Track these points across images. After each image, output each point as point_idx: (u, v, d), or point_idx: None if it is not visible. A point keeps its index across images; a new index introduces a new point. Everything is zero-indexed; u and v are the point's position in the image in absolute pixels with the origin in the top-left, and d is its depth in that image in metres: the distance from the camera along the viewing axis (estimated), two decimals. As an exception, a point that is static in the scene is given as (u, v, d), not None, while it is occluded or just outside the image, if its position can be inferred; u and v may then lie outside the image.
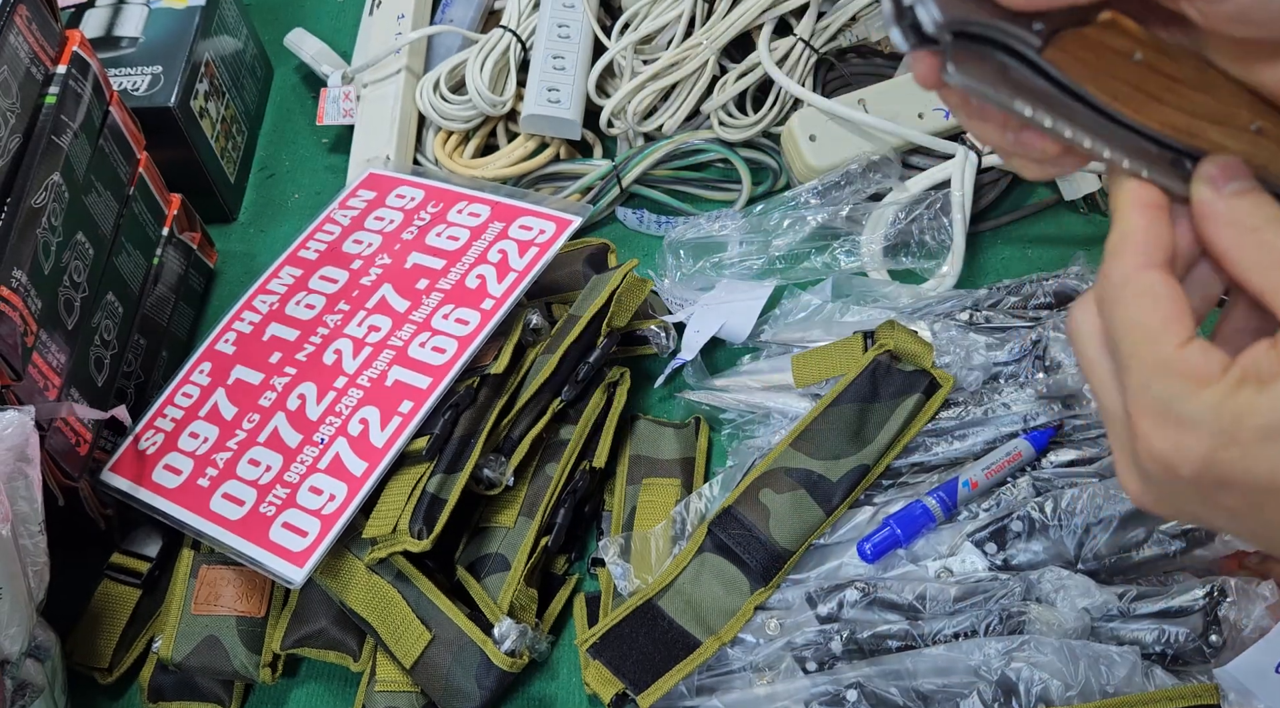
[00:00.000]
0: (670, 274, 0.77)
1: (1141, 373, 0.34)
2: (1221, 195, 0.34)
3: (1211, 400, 0.32)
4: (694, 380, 0.72)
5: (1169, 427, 0.33)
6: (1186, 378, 0.33)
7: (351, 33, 0.96)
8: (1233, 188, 0.34)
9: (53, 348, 0.63)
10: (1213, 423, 0.32)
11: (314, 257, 0.76)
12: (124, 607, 0.67)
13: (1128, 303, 0.34)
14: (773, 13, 0.82)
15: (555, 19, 0.85)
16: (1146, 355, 0.33)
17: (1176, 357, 0.33)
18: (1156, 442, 0.33)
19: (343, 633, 0.64)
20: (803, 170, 0.79)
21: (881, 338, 0.67)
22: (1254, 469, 0.32)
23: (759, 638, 0.61)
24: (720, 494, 0.66)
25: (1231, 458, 0.32)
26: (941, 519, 0.62)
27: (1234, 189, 0.34)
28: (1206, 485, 0.33)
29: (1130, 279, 0.34)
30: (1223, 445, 0.32)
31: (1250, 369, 0.32)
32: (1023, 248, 0.78)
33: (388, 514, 0.62)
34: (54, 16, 0.68)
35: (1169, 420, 0.33)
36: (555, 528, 0.65)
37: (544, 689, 0.64)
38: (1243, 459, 0.32)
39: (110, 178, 0.72)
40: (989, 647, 0.55)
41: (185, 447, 0.68)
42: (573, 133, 0.84)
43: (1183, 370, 0.33)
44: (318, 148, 0.94)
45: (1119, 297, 0.34)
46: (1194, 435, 0.32)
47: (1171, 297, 0.34)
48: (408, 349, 0.67)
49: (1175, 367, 0.33)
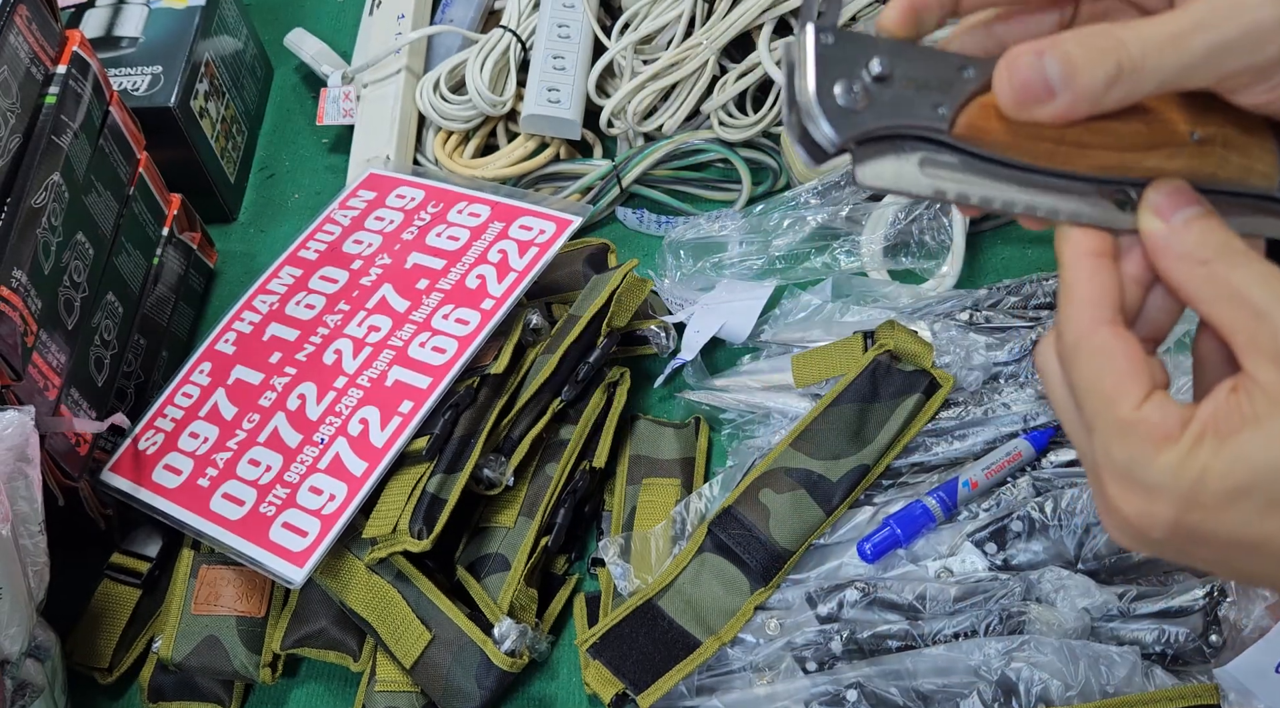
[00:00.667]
0: (670, 274, 0.77)
1: (1104, 435, 0.33)
2: (1170, 227, 0.34)
3: (1171, 463, 0.32)
4: (694, 380, 0.72)
5: (1134, 493, 0.33)
6: (1145, 440, 0.32)
7: (351, 33, 0.96)
8: (1180, 218, 0.34)
9: (53, 348, 0.63)
10: (1174, 487, 0.32)
11: (314, 257, 0.76)
12: (124, 607, 0.67)
13: (1083, 365, 0.34)
14: (773, 13, 0.82)
15: (555, 19, 0.85)
16: (1107, 417, 0.33)
17: (1133, 418, 0.33)
18: (1125, 507, 0.33)
19: (343, 633, 0.64)
20: (803, 170, 0.79)
21: (881, 338, 0.67)
22: (1219, 531, 0.32)
23: (759, 638, 0.61)
24: (720, 494, 0.66)
25: (1197, 520, 0.32)
26: (941, 519, 0.62)
27: (1182, 219, 0.34)
28: (1179, 542, 0.33)
29: (1082, 340, 0.34)
30: (1187, 510, 0.32)
31: (1209, 422, 0.32)
32: (1023, 248, 0.78)
33: (388, 514, 0.62)
34: (54, 16, 0.68)
35: (1133, 486, 0.33)
36: (555, 528, 0.65)
37: (544, 689, 0.64)
38: (1207, 522, 0.32)
39: (110, 178, 0.72)
40: (989, 647, 0.55)
41: (185, 447, 0.68)
42: (573, 133, 0.84)
43: (1142, 432, 0.32)
44: (318, 148, 0.94)
45: (1074, 359, 0.34)
46: (1158, 503, 0.32)
47: (1123, 354, 0.33)
48: (408, 349, 0.67)
49: (1134, 429, 0.33)
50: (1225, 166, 0.36)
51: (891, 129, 0.34)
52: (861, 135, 0.34)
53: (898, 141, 0.34)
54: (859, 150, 0.34)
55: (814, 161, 0.34)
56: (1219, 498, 0.31)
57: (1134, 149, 0.35)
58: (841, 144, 0.34)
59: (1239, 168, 0.36)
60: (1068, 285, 0.35)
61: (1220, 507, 0.31)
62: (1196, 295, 0.33)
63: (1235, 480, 0.31)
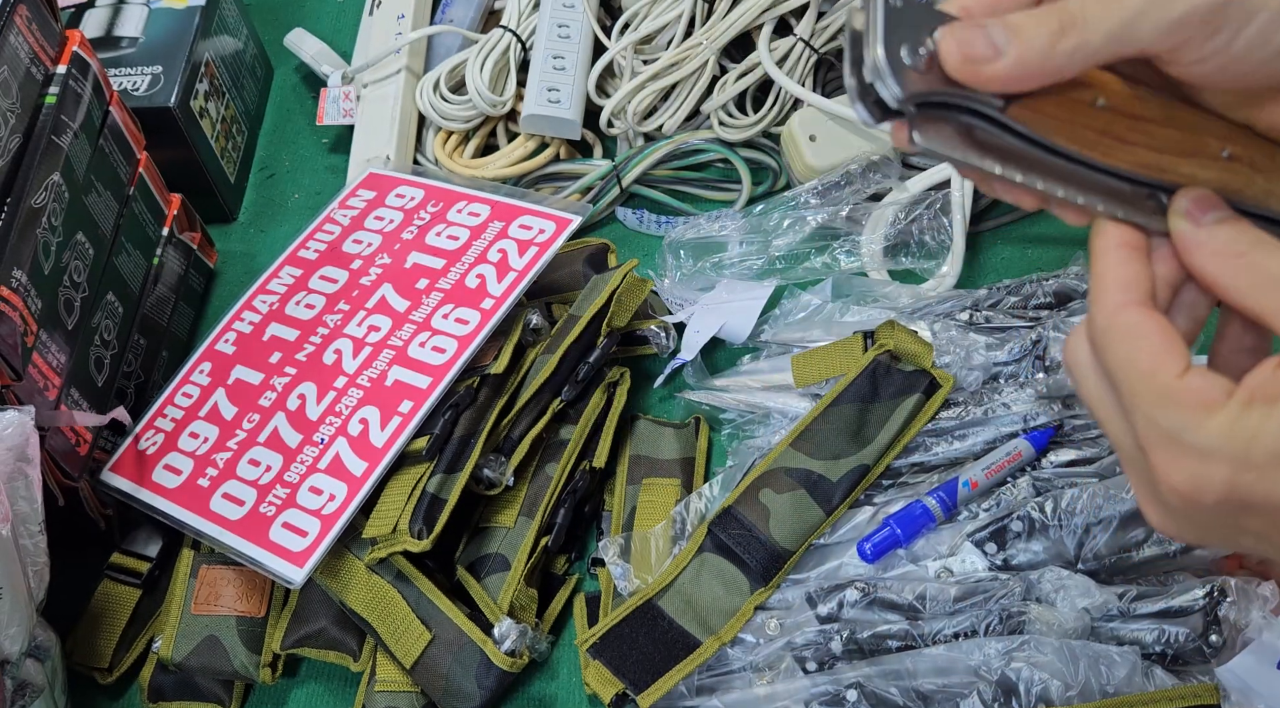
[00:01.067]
0: (670, 274, 0.77)
1: (1147, 408, 0.33)
2: (1201, 226, 0.35)
3: (1222, 426, 0.32)
4: (694, 380, 0.72)
5: (1185, 458, 0.33)
6: (1192, 407, 0.32)
7: (351, 33, 0.96)
8: (1210, 218, 0.35)
9: (53, 348, 0.63)
10: (1227, 449, 0.32)
11: (314, 256, 0.76)
12: (124, 607, 0.67)
13: (1117, 345, 0.34)
14: (773, 13, 0.82)
15: (555, 19, 0.85)
16: (1147, 391, 0.33)
17: (1178, 387, 0.33)
18: (1175, 475, 0.33)
19: (343, 633, 0.64)
20: (803, 170, 0.79)
21: (881, 338, 0.67)
22: (1274, 492, 0.32)
23: (759, 638, 0.61)
24: (720, 494, 0.66)
25: (1250, 481, 0.32)
26: (941, 519, 0.62)
27: (1212, 219, 0.35)
28: (1230, 511, 0.33)
29: (1113, 321, 0.34)
30: (1240, 471, 0.32)
31: (1256, 390, 0.32)
32: (1023, 248, 0.78)
33: (388, 514, 0.62)
34: (54, 16, 0.68)
35: (1184, 452, 0.33)
36: (555, 528, 0.65)
37: (544, 689, 0.64)
38: (1261, 482, 0.32)
39: (110, 178, 0.72)
40: (989, 647, 0.55)
41: (185, 447, 0.68)
42: (573, 133, 0.84)
43: (1187, 400, 0.33)
44: (318, 148, 0.94)
45: (1107, 341, 0.35)
46: (1211, 464, 0.32)
47: (1158, 330, 0.34)
48: (408, 349, 0.67)
49: (1179, 397, 0.33)
50: (1251, 186, 0.37)
51: (950, 98, 0.35)
52: (923, 97, 0.35)
53: (953, 111, 0.36)
54: (917, 113, 0.35)
55: (873, 120, 0.36)
56: (1272, 458, 0.31)
57: (1171, 153, 0.37)
58: (904, 101, 0.35)
59: (1263, 191, 0.38)
60: (1098, 275, 0.36)
61: (1275, 467, 0.31)
62: (1236, 285, 0.34)
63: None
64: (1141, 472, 0.35)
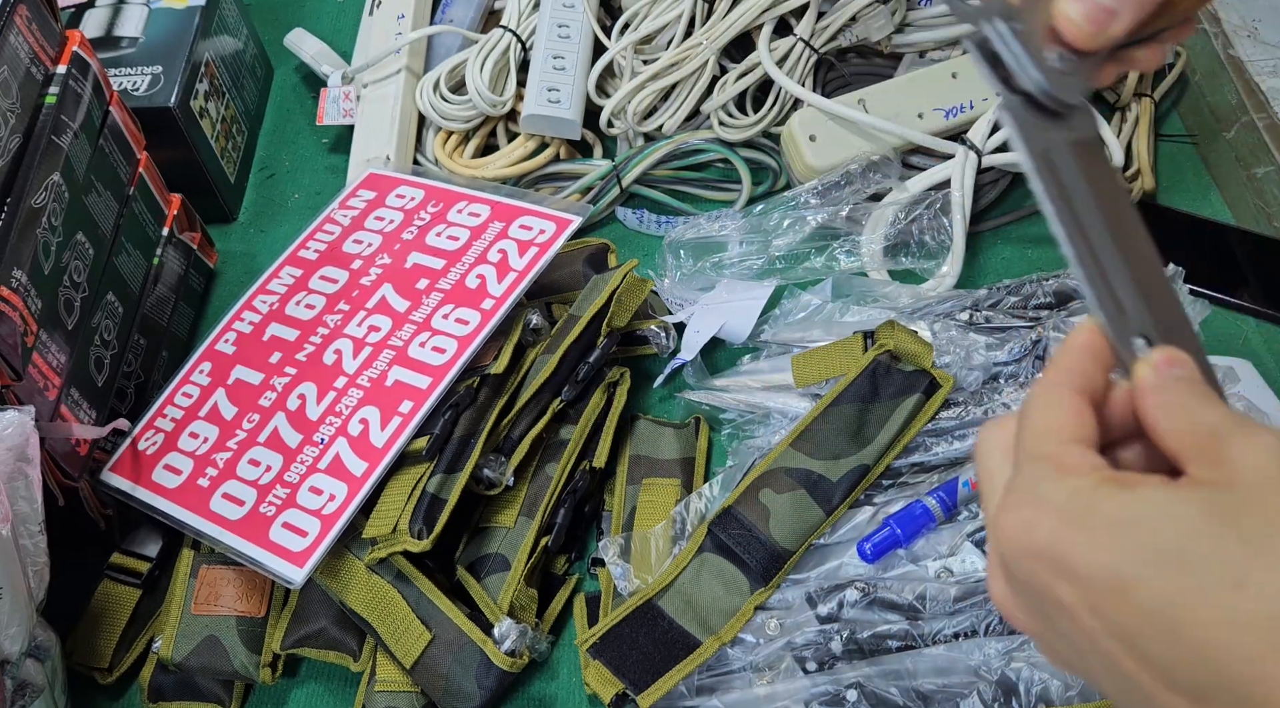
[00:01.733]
0: (670, 274, 0.77)
1: (1023, 460, 0.35)
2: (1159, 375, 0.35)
3: (1071, 487, 0.33)
4: (694, 380, 0.72)
5: (1024, 506, 0.33)
6: (1055, 466, 0.33)
7: (351, 33, 0.96)
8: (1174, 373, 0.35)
9: (53, 348, 0.63)
10: (1066, 506, 0.32)
11: (314, 257, 0.76)
12: (124, 607, 0.67)
13: (1031, 411, 0.35)
14: (773, 13, 0.82)
15: (555, 19, 0.85)
16: (1031, 450, 0.34)
17: (1055, 451, 0.34)
18: (1009, 518, 0.33)
19: (343, 633, 0.64)
20: (803, 170, 0.79)
21: (881, 338, 0.67)
22: (1095, 559, 0.31)
23: (759, 638, 0.61)
24: (720, 494, 0.66)
25: (1076, 541, 0.32)
26: (941, 519, 0.62)
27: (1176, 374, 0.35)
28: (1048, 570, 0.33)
29: (1040, 393, 0.36)
30: (1070, 527, 0.32)
31: (1120, 476, 0.33)
32: (1023, 248, 0.78)
33: (388, 514, 0.62)
34: (54, 16, 0.68)
35: (1026, 500, 0.33)
36: (555, 528, 0.65)
37: (544, 689, 0.64)
38: (1086, 545, 0.31)
39: (110, 178, 0.72)
40: (989, 647, 0.55)
41: (185, 447, 0.68)
42: (573, 133, 0.84)
43: (1056, 460, 0.34)
44: (318, 148, 0.94)
45: (1025, 408, 0.36)
46: (1044, 512, 0.33)
47: (1073, 408, 0.35)
48: (408, 349, 0.67)
49: (1051, 457, 0.34)
50: None
51: None
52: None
53: None
54: None
55: None
56: (1105, 522, 0.31)
57: None
58: None
59: None
60: (1054, 357, 0.37)
61: (1104, 532, 0.31)
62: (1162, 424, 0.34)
63: (1128, 514, 0.31)
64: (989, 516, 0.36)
